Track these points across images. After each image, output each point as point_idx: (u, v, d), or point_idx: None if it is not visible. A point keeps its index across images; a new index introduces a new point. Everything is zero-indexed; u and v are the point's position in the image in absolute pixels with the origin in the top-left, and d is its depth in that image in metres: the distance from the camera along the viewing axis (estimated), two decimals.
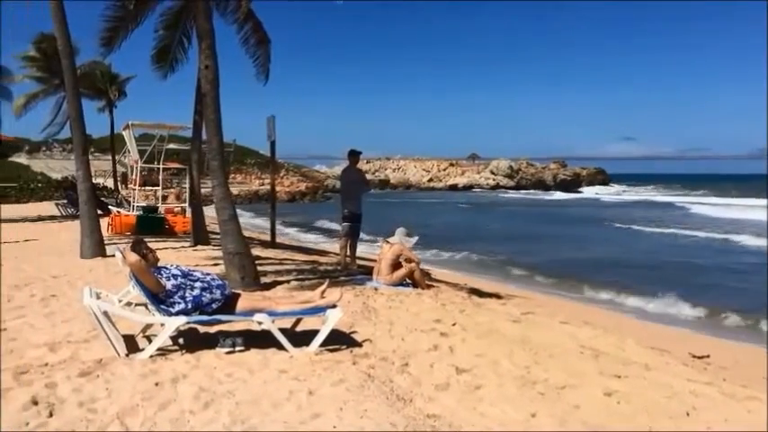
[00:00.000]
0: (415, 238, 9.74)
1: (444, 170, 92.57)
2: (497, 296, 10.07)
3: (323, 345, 5.45)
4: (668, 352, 6.87)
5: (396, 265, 9.20)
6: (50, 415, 3.94)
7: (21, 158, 58.51)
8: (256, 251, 11.53)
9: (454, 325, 6.79)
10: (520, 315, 7.97)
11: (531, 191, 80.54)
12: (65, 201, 22.73)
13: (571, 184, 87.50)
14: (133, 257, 5.23)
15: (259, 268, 9.11)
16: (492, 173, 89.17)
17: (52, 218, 20.87)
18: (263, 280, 8.90)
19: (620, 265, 17.79)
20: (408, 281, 9.24)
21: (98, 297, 5.47)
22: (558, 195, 72.57)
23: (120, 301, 6.00)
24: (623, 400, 4.63)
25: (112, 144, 37.66)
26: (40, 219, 20.55)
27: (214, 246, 13.13)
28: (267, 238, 16.97)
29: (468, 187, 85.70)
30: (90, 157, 12.52)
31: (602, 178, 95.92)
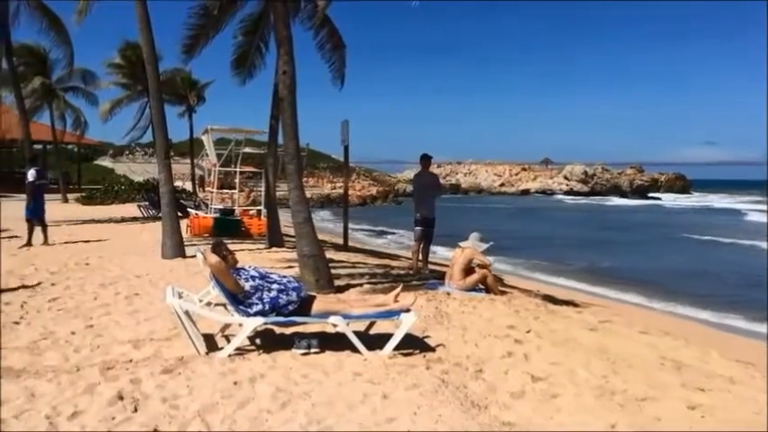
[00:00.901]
0: (489, 243, 9.64)
1: (516, 175, 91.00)
2: (572, 304, 9.85)
3: (396, 348, 5.46)
4: (753, 365, 6.56)
5: (468, 270, 9.14)
6: (135, 410, 4.09)
7: (105, 162, 61.23)
8: (329, 254, 11.65)
9: (529, 332, 6.69)
10: (597, 323, 7.78)
11: (607, 197, 78.15)
12: (146, 203, 23.47)
13: (648, 191, 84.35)
14: (214, 259, 5.37)
15: (332, 271, 9.18)
16: (565, 178, 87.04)
17: (134, 219, 21.63)
18: (337, 283, 8.98)
19: (696, 275, 17.17)
20: (481, 286, 9.16)
21: (180, 297, 5.64)
22: (617, 201, 70.68)
23: (200, 301, 6.18)
24: (708, 414, 4.46)
25: (191, 148, 38.89)
26: (123, 220, 21.34)
27: (288, 248, 13.36)
28: (339, 241, 17.12)
29: (542, 192, 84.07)
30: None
31: (682, 184, 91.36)
